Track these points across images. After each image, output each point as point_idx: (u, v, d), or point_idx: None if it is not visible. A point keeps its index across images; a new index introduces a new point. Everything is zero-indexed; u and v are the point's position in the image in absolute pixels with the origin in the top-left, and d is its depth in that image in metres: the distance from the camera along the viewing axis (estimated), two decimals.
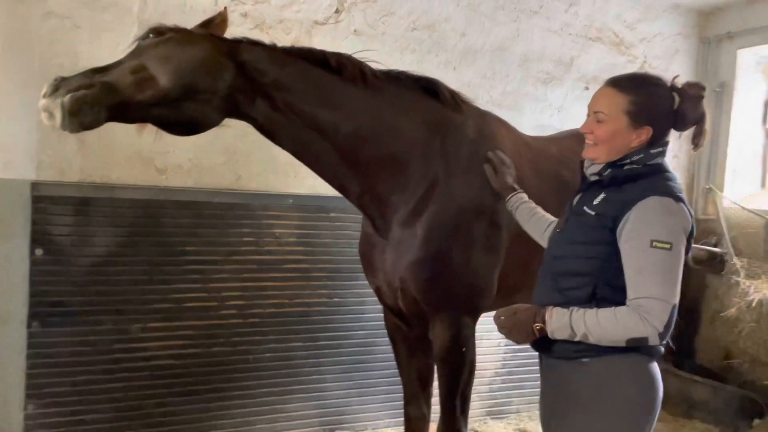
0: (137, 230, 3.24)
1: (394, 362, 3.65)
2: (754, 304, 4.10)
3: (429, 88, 2.56)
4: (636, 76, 1.98)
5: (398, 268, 2.46)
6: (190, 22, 3.25)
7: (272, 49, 2.30)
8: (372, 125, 2.38)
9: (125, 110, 2.06)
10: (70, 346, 3.12)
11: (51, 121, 1.94)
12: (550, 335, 1.86)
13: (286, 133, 2.35)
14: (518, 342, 1.93)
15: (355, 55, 2.45)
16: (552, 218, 2.38)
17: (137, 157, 3.28)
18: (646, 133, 1.88)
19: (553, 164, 2.90)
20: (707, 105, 1.95)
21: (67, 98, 1.90)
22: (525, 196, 2.46)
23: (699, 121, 1.95)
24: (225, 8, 2.42)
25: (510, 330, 1.91)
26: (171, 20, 3.24)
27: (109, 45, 3.18)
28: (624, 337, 1.75)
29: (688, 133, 1.99)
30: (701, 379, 4.46)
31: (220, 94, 2.18)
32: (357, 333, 3.79)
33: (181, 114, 2.15)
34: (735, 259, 4.51)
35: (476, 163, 2.51)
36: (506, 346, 4.29)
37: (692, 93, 1.92)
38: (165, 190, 3.32)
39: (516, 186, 2.48)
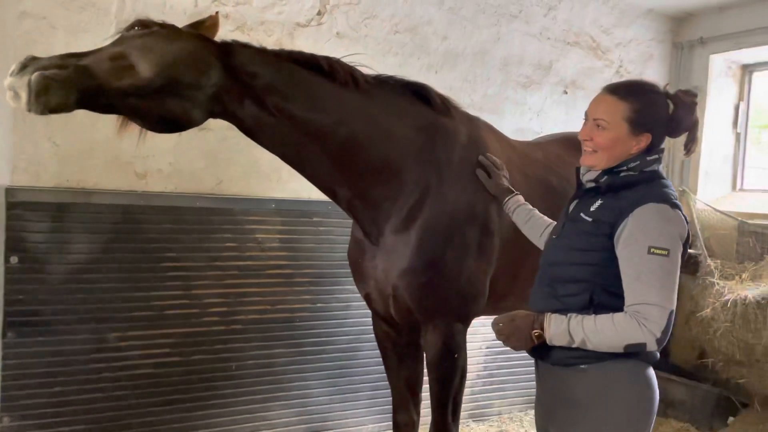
0: (116, 236, 3.16)
1: (378, 367, 3.64)
2: (728, 305, 4.18)
3: (419, 92, 2.54)
4: (634, 84, 1.98)
5: (391, 275, 2.43)
6: (170, 23, 3.20)
7: (263, 52, 2.25)
8: (365, 130, 2.35)
9: (98, 96, 1.93)
10: (47, 356, 3.02)
11: (16, 102, 1.82)
12: (548, 342, 1.86)
13: (275, 137, 2.29)
14: (516, 348, 1.93)
15: (342, 59, 2.42)
16: (549, 221, 2.39)
17: (116, 161, 3.19)
18: (645, 140, 1.90)
19: (540, 170, 2.91)
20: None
21: (34, 76, 1.78)
22: (521, 199, 2.47)
23: (692, 127, 1.98)
24: (216, 13, 2.36)
25: (508, 336, 1.91)
26: None
27: (87, 46, 3.04)
28: (622, 343, 1.76)
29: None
30: (677, 379, 4.54)
31: (206, 92, 2.11)
32: (341, 338, 3.76)
33: (160, 108, 2.05)
34: (709, 261, 4.60)
35: (468, 168, 2.50)
36: (487, 348, 4.31)
37: (686, 100, 1.95)
38: (144, 195, 3.23)
39: (512, 188, 2.49)
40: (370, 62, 2.51)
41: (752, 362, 4.25)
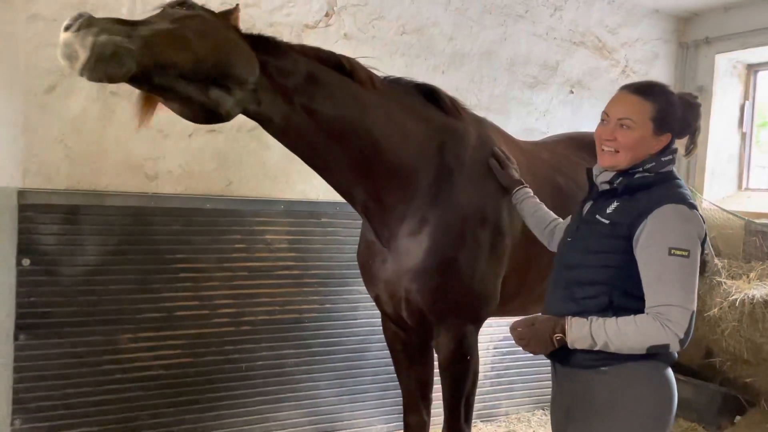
0: (127, 238, 3.17)
1: (387, 368, 3.65)
2: (736, 304, 4.19)
3: (429, 94, 2.55)
4: (654, 84, 1.98)
5: (403, 277, 2.43)
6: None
7: (293, 49, 2.23)
8: (384, 131, 2.33)
9: (154, 74, 1.82)
10: (58, 358, 3.03)
11: (70, 62, 1.66)
12: (570, 345, 1.86)
13: (300, 136, 2.26)
14: (536, 353, 1.92)
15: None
16: (555, 217, 2.40)
17: (126, 163, 3.20)
18: (665, 140, 1.92)
19: (547, 170, 2.92)
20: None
21: (102, 38, 1.63)
22: (530, 191, 2.49)
23: (697, 129, 2.00)
24: (237, 6, 2.31)
25: (529, 341, 1.90)
26: None
27: None
28: (645, 345, 1.76)
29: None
30: (684, 378, 4.55)
31: (248, 87, 2.06)
32: (349, 339, 3.77)
33: (204, 96, 1.97)
34: (716, 260, 4.61)
35: (479, 170, 2.50)
36: (495, 349, 4.32)
37: (693, 102, 1.98)
38: (155, 197, 3.25)
39: (522, 180, 2.51)
40: (378, 63, 2.51)
41: (759, 361, 4.25)
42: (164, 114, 2.15)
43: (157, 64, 1.81)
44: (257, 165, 3.53)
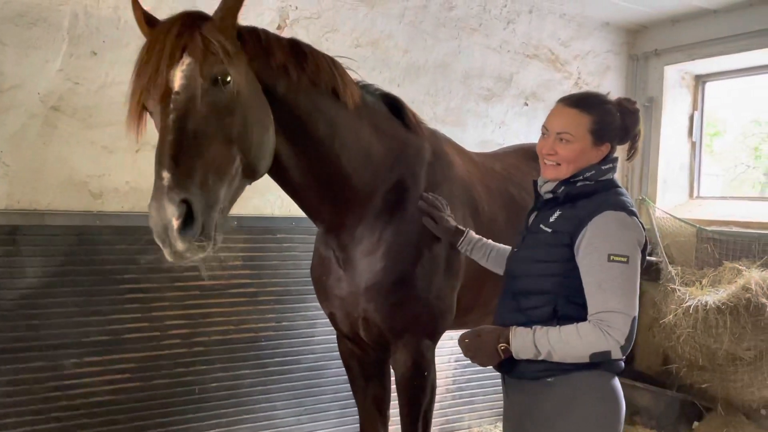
0: (71, 259, 3.05)
1: (347, 385, 3.56)
2: (690, 311, 4.25)
3: (392, 105, 2.49)
4: (590, 95, 2.00)
5: (360, 297, 2.37)
6: (124, 38, 3.13)
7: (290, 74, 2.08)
8: (350, 155, 2.25)
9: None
10: (0, 386, 2.89)
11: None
12: (514, 355, 1.86)
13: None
14: (483, 364, 1.92)
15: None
16: (507, 248, 2.37)
17: (69, 181, 3.08)
18: (605, 150, 1.93)
19: (500, 181, 2.92)
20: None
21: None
22: (473, 235, 2.41)
23: (637, 134, 2.01)
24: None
25: (475, 352, 1.91)
26: (104, 36, 3.13)
27: (38, 62, 2.99)
28: (587, 353, 1.76)
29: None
30: (642, 385, 4.59)
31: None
32: (307, 357, 3.69)
33: None
34: (670, 267, 4.68)
35: (433, 186, 2.47)
36: (456, 362, 4.29)
37: (631, 108, 1.99)
38: (100, 216, 3.13)
39: (460, 227, 2.41)
40: None
41: (715, 367, 4.32)
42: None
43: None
44: None
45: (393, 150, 2.41)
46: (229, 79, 1.79)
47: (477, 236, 2.41)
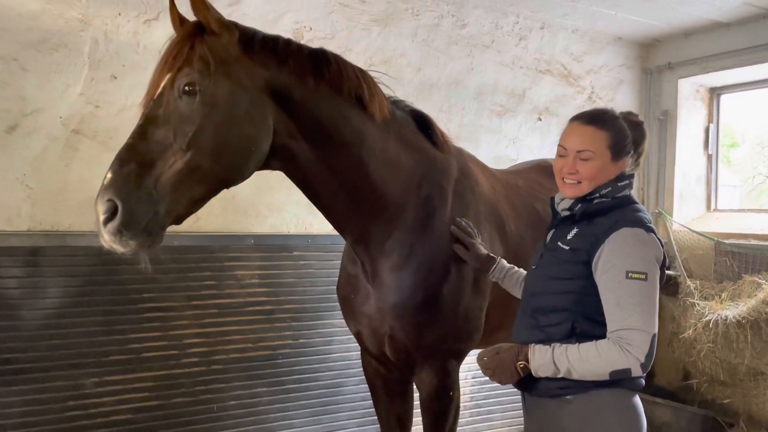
0: (91, 279, 3.09)
1: (364, 402, 3.58)
2: (710, 325, 4.21)
3: (421, 122, 2.50)
4: (604, 112, 2.00)
5: (387, 314, 2.36)
6: (143, 62, 3.20)
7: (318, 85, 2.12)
8: (377, 165, 2.26)
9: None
10: (21, 406, 2.93)
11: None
12: (534, 373, 1.85)
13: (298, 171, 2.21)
14: (503, 383, 1.91)
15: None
16: None
17: (91, 202, 3.07)
18: (622, 165, 1.94)
19: (525, 198, 2.91)
20: (652, 133, 2.02)
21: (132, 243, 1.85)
22: (505, 263, 2.40)
23: (644, 147, 2.01)
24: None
25: (494, 370, 1.90)
26: (123, 61, 3.20)
27: (59, 87, 3.07)
28: (607, 370, 1.75)
29: None
30: (662, 401, 4.54)
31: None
32: (325, 374, 3.70)
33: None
34: (688, 281, 4.64)
35: (460, 202, 2.47)
36: (473, 378, 4.27)
37: (636, 121, 2.01)
38: None
39: (492, 255, 2.40)
40: None
41: (736, 382, 4.26)
42: None
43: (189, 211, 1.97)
44: (226, 199, 3.48)
45: (421, 165, 2.40)
46: (196, 88, 1.88)
47: (508, 265, 2.40)
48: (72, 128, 3.10)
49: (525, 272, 2.36)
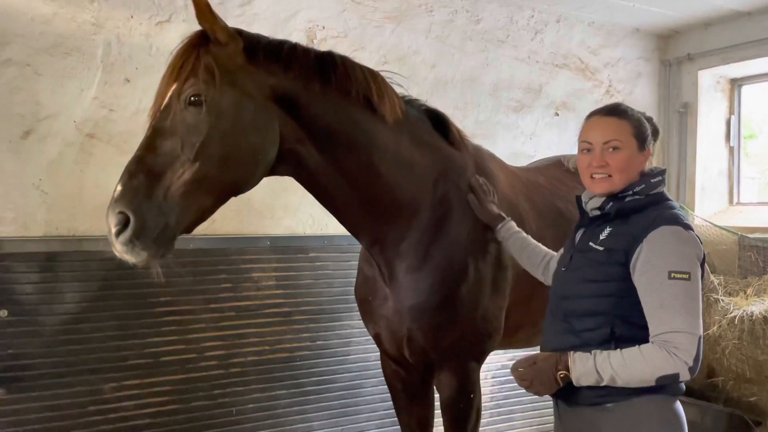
0: (108, 284, 3.08)
1: (383, 404, 3.55)
2: (735, 322, 4.12)
3: (437, 121, 2.46)
4: (619, 105, 1.96)
5: (405, 315, 2.33)
6: (156, 65, 3.18)
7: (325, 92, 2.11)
8: (393, 168, 2.23)
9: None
10: (40, 411, 2.92)
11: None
12: (575, 383, 1.76)
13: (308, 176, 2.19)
14: (541, 394, 1.83)
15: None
16: (545, 249, 2.32)
17: (106, 206, 3.12)
18: (647, 155, 1.89)
19: (546, 196, 2.85)
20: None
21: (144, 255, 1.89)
22: (514, 225, 2.36)
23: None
24: None
25: (531, 381, 1.81)
26: (136, 64, 3.18)
27: (73, 92, 3.06)
28: (654, 376, 1.67)
29: None
30: (688, 399, 4.45)
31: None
32: (343, 376, 3.67)
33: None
34: (712, 277, 4.54)
35: None
36: (493, 378, 4.21)
37: (648, 116, 1.96)
38: None
39: (503, 214, 2.38)
40: None
41: (762, 379, 4.17)
42: None
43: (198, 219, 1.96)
44: (241, 201, 3.43)
45: (436, 164, 2.36)
46: (202, 99, 1.87)
47: (517, 228, 2.35)
48: (86, 132, 3.08)
49: (534, 243, 2.33)
